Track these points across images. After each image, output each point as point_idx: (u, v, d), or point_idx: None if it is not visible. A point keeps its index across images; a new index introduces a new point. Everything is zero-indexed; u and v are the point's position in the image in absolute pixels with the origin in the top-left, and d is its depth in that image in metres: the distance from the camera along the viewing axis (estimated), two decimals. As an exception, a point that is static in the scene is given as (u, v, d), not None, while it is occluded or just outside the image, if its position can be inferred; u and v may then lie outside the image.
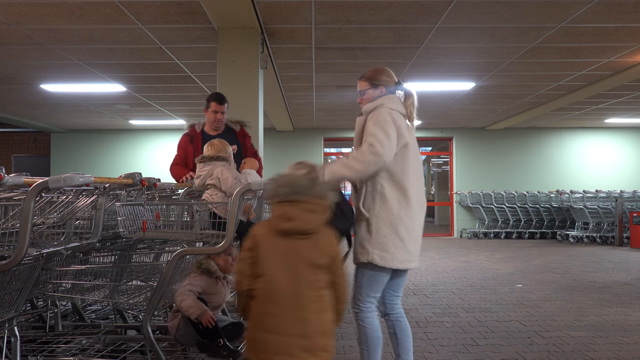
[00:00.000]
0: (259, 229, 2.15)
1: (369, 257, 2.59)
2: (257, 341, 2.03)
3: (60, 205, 2.85)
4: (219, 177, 3.23)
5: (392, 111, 2.69)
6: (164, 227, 3.04)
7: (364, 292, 2.67)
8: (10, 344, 2.60)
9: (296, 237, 2.07)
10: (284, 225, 2.07)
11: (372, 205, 2.61)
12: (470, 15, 5.22)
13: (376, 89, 2.83)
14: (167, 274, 2.86)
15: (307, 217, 2.07)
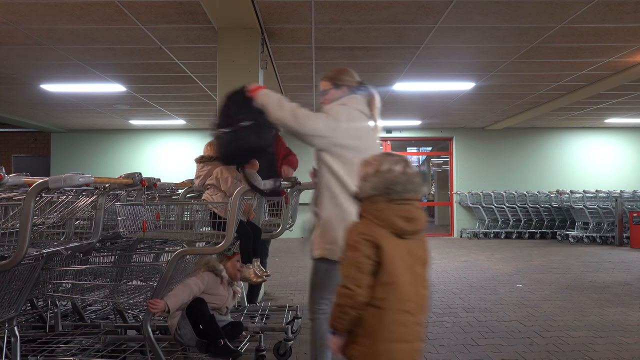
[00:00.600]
0: (372, 231, 1.91)
1: (321, 252, 2.62)
2: (383, 354, 1.88)
3: (60, 205, 2.85)
4: (218, 177, 3.23)
5: (351, 109, 2.71)
6: (164, 227, 3.04)
7: (317, 293, 2.68)
8: (10, 344, 2.60)
9: (411, 238, 1.95)
10: (407, 225, 1.92)
11: (322, 201, 2.65)
12: (470, 15, 5.22)
13: (338, 89, 2.84)
14: (167, 274, 2.86)
15: (423, 215, 1.97)
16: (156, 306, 2.83)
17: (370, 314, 1.90)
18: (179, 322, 3.00)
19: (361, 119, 2.73)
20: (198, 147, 13.09)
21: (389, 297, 1.89)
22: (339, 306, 1.91)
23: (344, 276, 1.90)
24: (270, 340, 3.73)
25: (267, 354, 3.35)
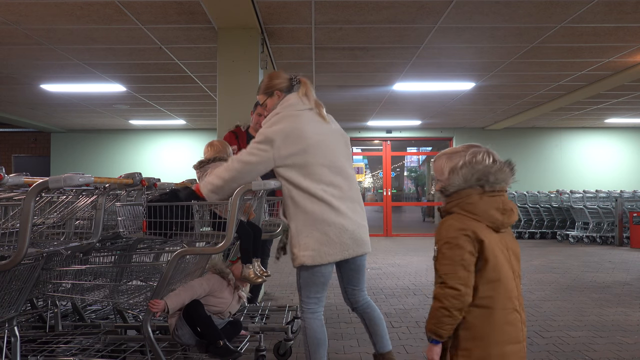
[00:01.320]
0: (471, 225, 1.79)
1: (299, 260, 2.60)
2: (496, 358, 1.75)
3: (60, 205, 2.85)
4: None
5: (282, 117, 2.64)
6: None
7: (303, 293, 2.67)
8: (10, 344, 2.60)
9: (505, 231, 1.84)
10: (504, 218, 1.82)
11: (289, 212, 2.65)
12: (470, 15, 5.22)
13: (272, 96, 2.80)
14: (167, 274, 2.86)
15: (515, 206, 1.87)
16: (156, 306, 2.83)
17: (475, 315, 1.76)
18: (176, 323, 3.00)
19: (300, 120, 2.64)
20: (198, 147, 13.09)
21: (496, 295, 1.77)
22: (444, 309, 1.74)
23: (446, 276, 1.75)
24: (270, 340, 3.73)
25: (267, 354, 3.34)
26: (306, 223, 2.58)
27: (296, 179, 2.59)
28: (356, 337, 4.12)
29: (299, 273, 2.66)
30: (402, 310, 5.00)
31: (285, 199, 2.66)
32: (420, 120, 12.30)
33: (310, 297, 2.64)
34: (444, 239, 1.80)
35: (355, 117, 11.76)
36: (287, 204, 2.65)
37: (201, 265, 3.51)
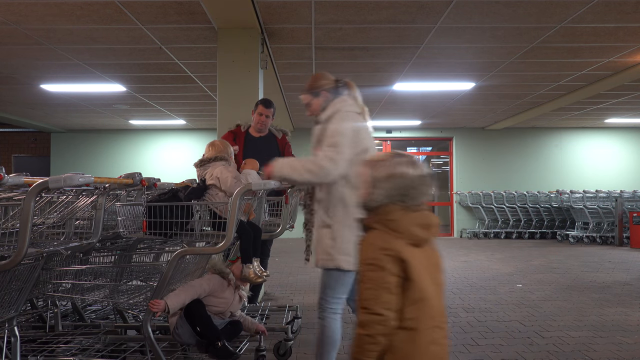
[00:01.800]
0: (392, 244, 1.69)
1: (335, 263, 2.59)
2: None
3: (60, 205, 2.85)
4: (218, 176, 3.20)
5: (349, 113, 2.68)
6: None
7: (329, 292, 2.66)
8: (10, 344, 2.60)
9: (426, 246, 1.78)
10: (425, 234, 1.76)
11: (334, 212, 2.61)
12: (470, 15, 5.22)
13: (319, 96, 2.82)
14: (167, 274, 2.86)
15: (437, 219, 1.82)
16: (156, 306, 2.83)
17: (401, 338, 1.68)
18: (177, 322, 3.00)
19: (358, 120, 2.72)
20: (198, 147, 13.09)
21: (421, 316, 1.69)
22: (367, 337, 1.67)
23: (368, 301, 1.66)
24: (270, 340, 3.73)
25: (267, 354, 3.34)
26: (350, 227, 2.57)
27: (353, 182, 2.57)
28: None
29: (329, 273, 2.64)
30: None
31: (332, 199, 2.62)
32: (420, 120, 12.30)
33: (335, 297, 2.65)
34: (366, 259, 1.70)
35: (355, 117, 11.74)
36: (336, 205, 2.60)
37: (201, 266, 3.51)
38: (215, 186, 3.22)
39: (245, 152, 4.62)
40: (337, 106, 2.70)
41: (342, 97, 2.78)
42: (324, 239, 2.63)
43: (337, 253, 2.59)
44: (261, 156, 4.71)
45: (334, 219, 2.61)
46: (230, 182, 3.16)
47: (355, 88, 2.85)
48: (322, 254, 2.64)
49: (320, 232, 2.66)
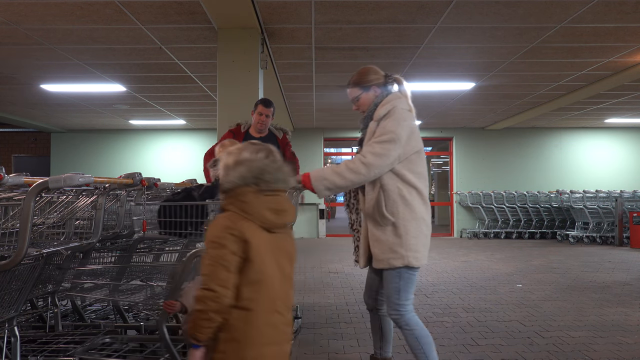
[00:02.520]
0: (239, 225, 1.74)
1: (404, 260, 2.53)
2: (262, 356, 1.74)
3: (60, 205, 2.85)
4: None
5: (405, 112, 2.61)
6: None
7: (402, 295, 2.57)
8: (10, 344, 2.60)
9: (279, 232, 1.82)
10: (277, 218, 1.80)
11: (395, 209, 2.55)
12: (470, 15, 5.22)
13: (369, 90, 2.76)
14: (182, 275, 2.77)
15: (292, 207, 1.87)
16: (172, 307, 2.78)
17: (236, 317, 1.72)
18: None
19: (412, 119, 2.63)
20: (198, 147, 13.11)
21: (258, 297, 1.74)
22: (200, 312, 1.69)
23: (205, 277, 1.70)
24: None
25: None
26: (415, 224, 2.55)
27: (410, 177, 2.57)
28: (356, 337, 4.12)
29: (397, 274, 2.56)
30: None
31: (392, 196, 2.56)
32: (420, 120, 12.30)
33: (409, 297, 2.59)
34: (210, 237, 1.74)
35: (355, 117, 11.66)
36: (396, 201, 2.55)
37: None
38: None
39: None
40: (393, 103, 2.63)
41: (396, 93, 2.71)
42: (388, 237, 2.56)
43: (405, 250, 2.53)
44: None
45: (396, 215, 2.55)
46: None
47: (404, 84, 2.77)
48: (387, 253, 2.56)
49: (382, 230, 2.58)
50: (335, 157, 15.82)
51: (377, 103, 2.69)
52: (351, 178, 2.50)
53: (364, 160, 2.48)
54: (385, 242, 2.56)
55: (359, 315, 4.82)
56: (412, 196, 2.56)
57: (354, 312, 4.93)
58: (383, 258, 2.57)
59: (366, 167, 2.48)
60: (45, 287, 3.25)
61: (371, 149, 2.51)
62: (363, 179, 2.51)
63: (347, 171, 2.50)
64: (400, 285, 2.56)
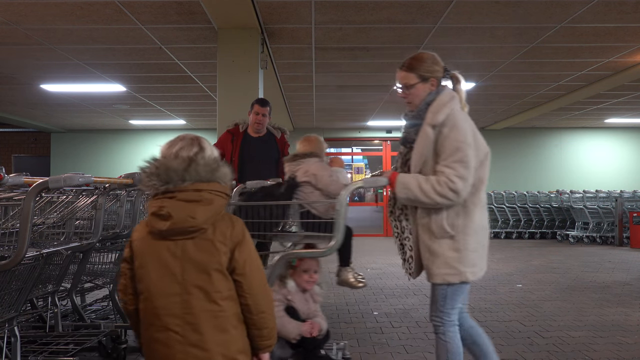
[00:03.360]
0: (135, 233, 1.69)
1: (461, 277, 2.35)
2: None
3: (60, 205, 2.85)
4: (315, 173, 2.93)
5: (463, 115, 2.37)
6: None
7: (449, 303, 2.41)
8: (11, 344, 2.60)
9: (180, 238, 1.61)
10: (159, 225, 1.61)
11: (455, 221, 2.31)
12: (470, 15, 5.22)
13: (426, 82, 2.39)
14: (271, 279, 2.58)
15: (187, 210, 1.60)
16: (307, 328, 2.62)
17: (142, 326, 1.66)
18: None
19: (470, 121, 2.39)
20: (198, 147, 13.09)
21: (144, 309, 1.62)
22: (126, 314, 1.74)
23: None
24: (270, 340, 3.73)
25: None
26: (475, 237, 2.34)
27: (477, 183, 2.32)
28: (356, 337, 4.12)
29: (447, 287, 2.38)
30: (402, 310, 5.00)
31: (455, 207, 2.31)
32: (420, 120, 12.29)
33: (454, 307, 2.43)
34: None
35: (355, 117, 11.76)
36: (458, 213, 2.31)
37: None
38: (309, 184, 2.94)
39: (244, 152, 4.59)
40: (450, 105, 2.34)
41: (450, 92, 2.42)
42: (445, 251, 2.32)
43: (463, 266, 2.33)
44: (261, 156, 4.69)
45: (456, 228, 2.31)
46: (327, 180, 2.92)
47: (462, 83, 2.50)
48: (444, 268, 2.33)
49: (437, 243, 2.33)
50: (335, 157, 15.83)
51: (429, 102, 2.38)
52: (437, 201, 2.26)
53: (452, 187, 2.22)
54: (441, 256, 2.33)
55: (359, 315, 4.82)
56: (474, 205, 2.33)
57: (354, 312, 4.93)
58: (438, 273, 2.35)
59: (455, 194, 2.23)
60: (45, 287, 3.24)
61: (456, 172, 2.23)
62: (448, 204, 2.28)
63: (435, 194, 2.24)
64: (447, 292, 2.39)
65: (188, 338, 1.58)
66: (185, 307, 1.59)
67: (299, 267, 2.76)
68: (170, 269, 1.60)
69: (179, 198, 1.62)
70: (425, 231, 2.37)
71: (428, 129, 2.32)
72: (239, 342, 1.66)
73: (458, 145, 2.25)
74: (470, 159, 2.26)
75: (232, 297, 1.64)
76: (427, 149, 2.31)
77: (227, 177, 1.72)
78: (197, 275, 1.60)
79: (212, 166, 1.68)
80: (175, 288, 1.59)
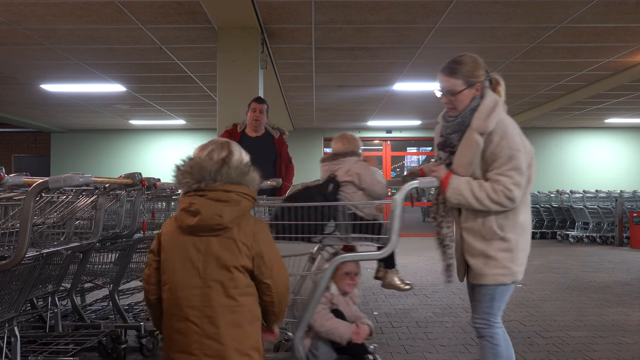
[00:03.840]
0: (164, 227, 1.81)
1: (514, 277, 2.31)
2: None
3: (60, 205, 2.85)
4: (358, 173, 2.83)
5: (509, 119, 2.31)
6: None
7: (496, 304, 2.38)
8: (11, 344, 2.60)
9: (205, 235, 1.72)
10: (187, 220, 1.73)
11: (504, 222, 2.27)
12: (470, 15, 5.22)
13: (472, 87, 2.36)
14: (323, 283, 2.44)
15: (215, 209, 1.71)
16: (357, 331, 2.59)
17: (164, 316, 1.77)
18: (312, 342, 2.68)
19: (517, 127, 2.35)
20: (198, 147, 13.09)
21: (167, 299, 1.73)
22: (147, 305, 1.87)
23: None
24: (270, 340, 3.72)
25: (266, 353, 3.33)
26: (523, 236, 2.33)
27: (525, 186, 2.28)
28: (356, 337, 4.12)
29: (496, 288, 2.34)
30: (402, 310, 5.00)
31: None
32: (420, 120, 12.30)
33: (501, 309, 2.40)
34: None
35: (355, 117, 11.75)
36: (506, 214, 2.26)
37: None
38: (352, 183, 2.82)
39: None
40: (498, 111, 2.30)
41: (494, 97, 2.38)
42: (496, 252, 2.27)
43: (515, 265, 2.29)
44: (258, 156, 4.66)
45: (505, 229, 2.27)
46: (372, 179, 2.82)
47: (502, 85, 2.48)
48: (496, 269, 2.28)
49: (487, 244, 2.28)
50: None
51: (474, 108, 2.34)
52: (491, 208, 2.22)
53: (509, 195, 2.19)
54: (493, 257, 2.28)
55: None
56: (523, 206, 2.31)
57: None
58: (490, 274, 2.29)
59: (511, 201, 2.21)
60: (45, 287, 3.24)
61: (512, 180, 2.20)
62: (500, 210, 2.25)
63: (489, 201, 2.21)
64: (496, 293, 2.35)
65: (205, 330, 1.67)
66: (205, 300, 1.68)
67: (341, 270, 2.71)
68: (193, 263, 1.70)
69: (209, 197, 1.72)
70: (472, 234, 2.32)
71: (476, 136, 2.26)
72: (252, 339, 1.73)
73: (512, 153, 2.21)
74: (524, 165, 2.23)
75: (249, 294, 1.73)
76: (475, 157, 2.26)
77: (255, 181, 1.83)
78: (217, 270, 1.70)
79: (243, 170, 1.80)
80: (196, 281, 1.69)
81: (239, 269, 1.71)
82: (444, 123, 2.47)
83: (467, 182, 2.25)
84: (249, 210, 1.79)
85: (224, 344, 1.67)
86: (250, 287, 1.74)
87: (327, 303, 2.67)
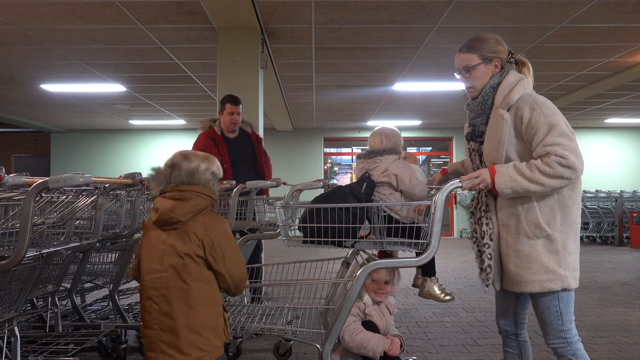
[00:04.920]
0: (145, 224, 2.13)
1: (563, 282, 2.05)
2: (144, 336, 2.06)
3: (60, 205, 2.85)
4: (396, 173, 2.61)
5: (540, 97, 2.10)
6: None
7: (566, 318, 2.14)
8: (10, 344, 2.60)
9: (168, 228, 2.00)
10: (153, 216, 2.06)
11: (553, 217, 2.04)
12: (470, 15, 5.22)
13: (489, 63, 2.16)
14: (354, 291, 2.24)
15: (168, 205, 2.00)
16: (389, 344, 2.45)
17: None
18: (342, 357, 2.53)
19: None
20: (198, 147, 13.09)
21: (141, 284, 2.05)
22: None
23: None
24: (270, 340, 3.73)
25: (266, 354, 3.34)
26: (574, 237, 2.08)
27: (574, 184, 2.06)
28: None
29: (556, 297, 2.13)
30: (402, 310, 5.00)
31: (549, 200, 2.05)
32: (420, 120, 12.30)
33: (572, 321, 2.16)
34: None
35: (355, 117, 11.76)
36: (553, 208, 2.04)
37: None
38: (389, 184, 2.63)
39: (231, 156, 4.42)
40: (522, 84, 2.13)
41: (517, 74, 2.21)
42: (540, 254, 2.04)
43: (563, 269, 2.04)
44: (244, 156, 4.59)
45: (553, 225, 2.03)
46: (412, 182, 2.63)
47: (529, 66, 2.30)
48: (540, 273, 2.06)
49: (530, 244, 2.06)
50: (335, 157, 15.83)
51: (495, 85, 2.14)
52: (552, 185, 1.96)
53: (566, 163, 1.93)
54: (537, 260, 2.05)
55: (359, 315, 4.82)
56: (572, 200, 2.05)
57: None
58: (533, 280, 2.08)
59: (572, 170, 1.94)
60: (45, 287, 3.24)
61: (563, 147, 1.94)
62: (565, 185, 1.99)
63: (545, 177, 1.95)
64: (560, 307, 2.13)
65: (162, 308, 1.97)
66: (163, 283, 1.98)
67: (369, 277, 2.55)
68: (157, 251, 2.01)
69: (167, 196, 2.03)
70: (513, 232, 2.10)
71: (502, 112, 2.07)
72: (205, 320, 1.98)
73: (550, 120, 1.97)
74: (567, 129, 1.98)
75: (201, 280, 1.98)
76: (505, 135, 2.04)
77: (209, 182, 2.07)
78: (173, 257, 1.98)
79: (192, 172, 2.05)
80: (157, 266, 2.00)
81: (191, 257, 1.97)
82: (468, 110, 2.28)
83: (513, 166, 2.02)
84: (205, 206, 2.03)
85: (175, 320, 1.94)
86: (201, 273, 1.98)
87: (358, 315, 2.52)
